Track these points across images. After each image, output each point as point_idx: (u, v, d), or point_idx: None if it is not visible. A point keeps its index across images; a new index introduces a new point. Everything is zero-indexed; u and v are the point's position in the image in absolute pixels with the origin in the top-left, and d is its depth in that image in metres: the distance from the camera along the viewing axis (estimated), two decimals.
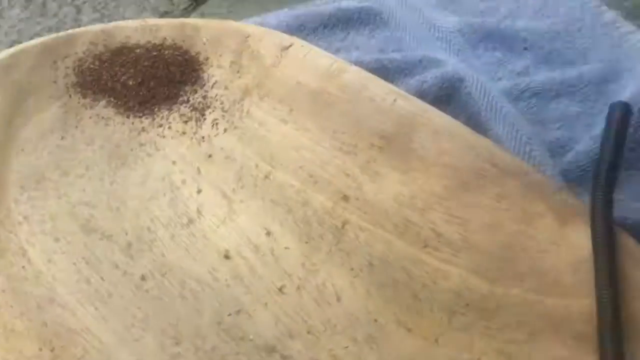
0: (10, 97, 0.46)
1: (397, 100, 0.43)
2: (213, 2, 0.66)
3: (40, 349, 0.34)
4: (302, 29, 0.57)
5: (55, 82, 0.48)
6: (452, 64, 0.51)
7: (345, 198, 0.41)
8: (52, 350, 0.34)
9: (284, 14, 0.58)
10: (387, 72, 0.51)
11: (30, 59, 0.48)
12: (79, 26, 0.59)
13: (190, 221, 0.41)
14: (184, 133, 0.46)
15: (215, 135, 0.46)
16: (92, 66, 0.49)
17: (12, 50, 0.48)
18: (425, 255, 0.38)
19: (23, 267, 0.38)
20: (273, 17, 0.58)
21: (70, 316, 0.35)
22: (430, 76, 0.49)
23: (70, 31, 0.51)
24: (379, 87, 0.44)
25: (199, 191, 0.43)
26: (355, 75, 0.45)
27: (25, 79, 0.47)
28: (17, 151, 0.44)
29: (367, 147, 0.43)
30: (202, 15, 0.65)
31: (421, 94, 0.48)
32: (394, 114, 0.43)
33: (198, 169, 0.44)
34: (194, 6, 0.67)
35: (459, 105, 0.49)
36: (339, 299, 0.37)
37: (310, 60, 0.47)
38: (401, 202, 0.40)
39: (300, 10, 0.59)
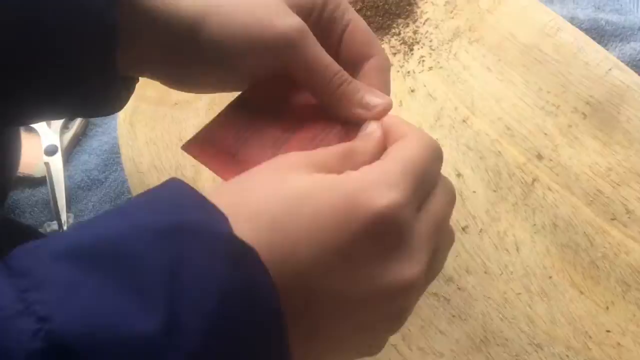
0: None
1: (612, 69, 0.43)
2: None
3: None
4: None
5: None
6: None
7: (539, 157, 0.43)
8: None
9: None
10: (602, 33, 0.50)
11: None
12: None
13: None
14: (391, 65, 0.50)
15: (420, 72, 0.49)
16: None
17: None
18: (611, 227, 0.39)
19: None
20: None
21: None
22: None
23: None
24: (595, 52, 0.44)
25: None
26: (572, 36, 0.45)
27: None
28: None
29: (571, 111, 0.44)
30: None
31: (634, 64, 0.47)
32: (606, 83, 0.43)
33: (400, 101, 0.48)
34: None
35: None
36: (517, 249, 0.40)
37: (529, 13, 0.47)
38: (596, 171, 0.41)
39: None
